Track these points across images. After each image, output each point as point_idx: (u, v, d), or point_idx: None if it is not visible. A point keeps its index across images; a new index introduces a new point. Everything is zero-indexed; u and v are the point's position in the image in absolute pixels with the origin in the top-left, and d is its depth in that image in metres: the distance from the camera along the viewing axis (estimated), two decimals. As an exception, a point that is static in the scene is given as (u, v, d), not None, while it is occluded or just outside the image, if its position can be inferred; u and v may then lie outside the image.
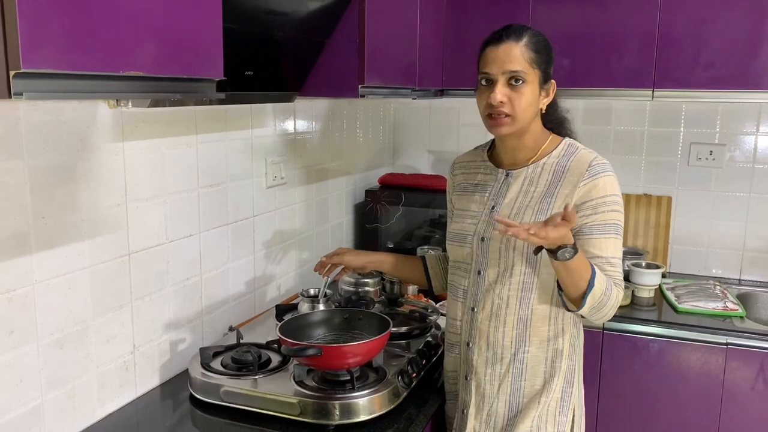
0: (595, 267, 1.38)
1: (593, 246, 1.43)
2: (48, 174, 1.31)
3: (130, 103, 1.45)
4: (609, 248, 1.43)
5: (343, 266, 1.81)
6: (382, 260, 1.81)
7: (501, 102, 1.41)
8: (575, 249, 1.32)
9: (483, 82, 1.46)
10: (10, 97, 0.82)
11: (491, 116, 1.44)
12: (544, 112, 1.50)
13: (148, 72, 1.02)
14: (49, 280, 1.33)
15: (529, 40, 1.43)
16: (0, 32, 0.81)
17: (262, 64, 1.68)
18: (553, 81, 1.49)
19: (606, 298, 1.39)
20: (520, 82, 1.41)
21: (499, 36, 1.44)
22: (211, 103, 1.70)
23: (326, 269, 1.80)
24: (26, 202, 1.27)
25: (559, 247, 1.30)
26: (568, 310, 1.45)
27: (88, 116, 1.40)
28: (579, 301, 1.38)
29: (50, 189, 1.32)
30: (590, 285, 1.36)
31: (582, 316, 1.48)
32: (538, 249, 1.35)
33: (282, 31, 1.65)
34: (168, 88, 1.11)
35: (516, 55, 1.41)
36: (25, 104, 1.25)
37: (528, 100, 1.43)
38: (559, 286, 1.42)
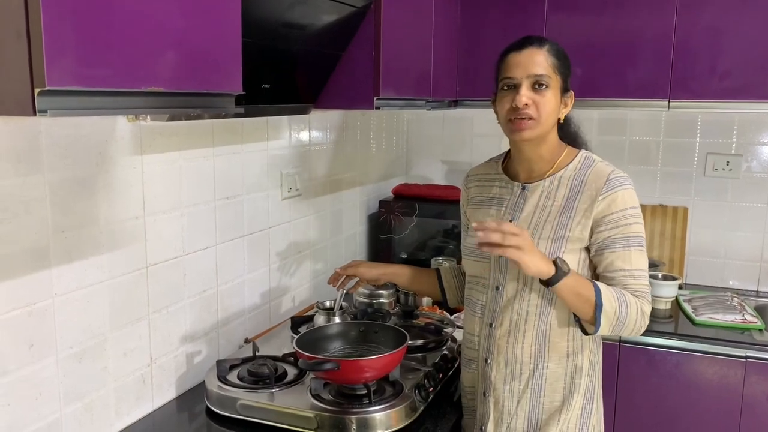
0: (598, 284, 1.38)
1: (617, 259, 1.42)
2: (67, 187, 1.32)
3: (148, 117, 1.46)
4: (633, 261, 1.42)
5: (357, 278, 1.81)
6: (396, 272, 1.81)
7: (526, 104, 1.40)
8: (562, 260, 1.36)
9: (504, 88, 1.44)
10: (34, 114, 0.83)
11: (513, 120, 1.42)
12: (562, 122, 1.50)
13: (168, 88, 1.03)
14: (68, 293, 1.34)
15: (550, 47, 1.44)
16: (25, 51, 0.82)
17: (279, 77, 1.69)
18: (571, 92, 1.49)
19: (624, 312, 1.38)
20: (544, 86, 1.41)
21: (521, 43, 1.45)
22: (227, 116, 1.71)
23: (340, 281, 1.79)
24: (46, 216, 1.28)
25: (555, 268, 1.33)
26: (587, 334, 1.44)
27: (107, 130, 1.41)
28: (594, 321, 1.37)
29: (70, 202, 1.33)
30: (598, 303, 1.35)
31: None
32: (544, 284, 1.36)
33: (299, 44, 1.65)
34: (188, 103, 1.11)
35: (540, 59, 1.42)
36: (46, 119, 1.26)
37: (552, 105, 1.42)
38: (575, 315, 1.42)
